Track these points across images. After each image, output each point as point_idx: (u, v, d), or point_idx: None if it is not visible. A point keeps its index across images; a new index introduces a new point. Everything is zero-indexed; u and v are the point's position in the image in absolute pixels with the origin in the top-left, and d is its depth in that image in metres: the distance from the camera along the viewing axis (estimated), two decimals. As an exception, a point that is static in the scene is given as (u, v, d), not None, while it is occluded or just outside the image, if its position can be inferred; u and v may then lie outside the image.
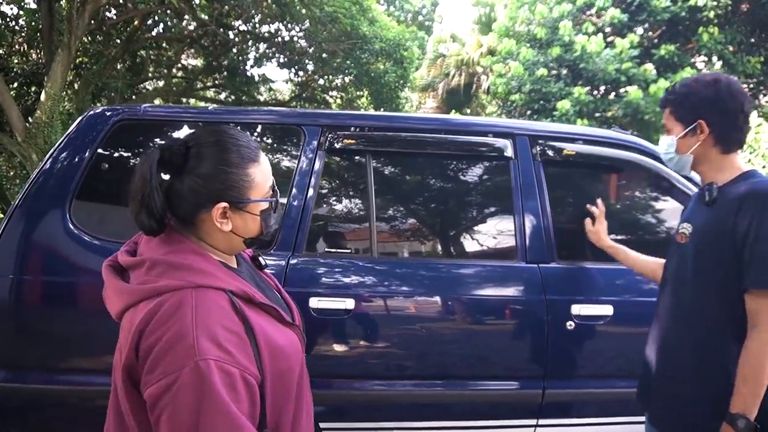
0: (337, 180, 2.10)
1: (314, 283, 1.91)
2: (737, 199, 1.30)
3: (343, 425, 1.96)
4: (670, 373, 1.44)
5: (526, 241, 2.02)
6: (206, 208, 0.94)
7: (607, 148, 2.12)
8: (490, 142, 2.08)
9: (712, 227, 1.34)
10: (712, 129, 1.37)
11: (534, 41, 10.03)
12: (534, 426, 2.02)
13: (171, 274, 0.90)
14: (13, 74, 11.79)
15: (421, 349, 1.97)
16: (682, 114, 1.41)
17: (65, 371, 1.86)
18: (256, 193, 0.98)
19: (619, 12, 8.78)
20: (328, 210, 2.05)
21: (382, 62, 12.67)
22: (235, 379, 0.84)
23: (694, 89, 1.39)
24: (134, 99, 13.28)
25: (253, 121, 2.11)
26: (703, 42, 8.33)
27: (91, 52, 12.44)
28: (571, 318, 1.96)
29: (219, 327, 0.86)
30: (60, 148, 1.98)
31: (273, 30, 12.30)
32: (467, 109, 15.47)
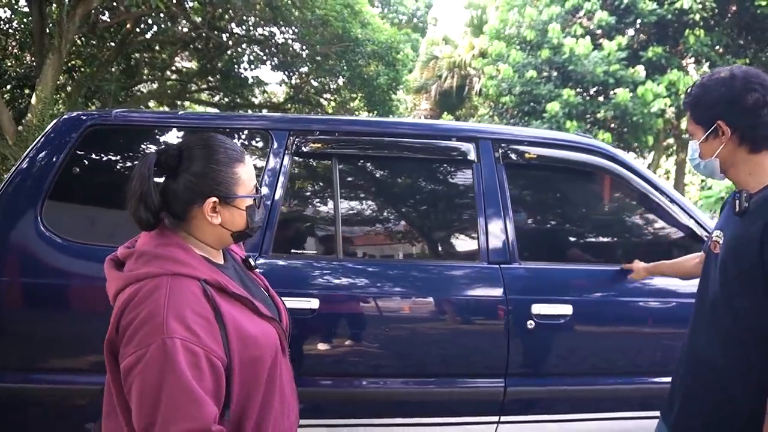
0: (304, 182, 2.15)
1: (280, 283, 1.96)
2: (766, 212, 1.20)
3: (312, 422, 2.01)
4: (696, 387, 1.36)
5: (488, 242, 2.07)
6: (198, 203, 1.06)
7: (568, 152, 2.17)
8: (454, 145, 2.13)
9: (739, 240, 1.25)
10: (734, 129, 1.25)
11: (524, 44, 10.12)
12: (496, 423, 2.07)
13: (153, 263, 1.01)
14: (6, 77, 11.82)
15: (385, 348, 2.02)
16: (700, 116, 1.30)
17: (39, 371, 1.91)
18: (242, 189, 1.10)
19: (607, 15, 8.87)
20: (295, 212, 2.10)
21: (374, 65, 12.73)
22: (199, 359, 0.93)
23: (708, 88, 1.29)
24: (128, 101, 13.32)
25: (223, 126, 2.16)
26: (689, 44, 8.41)
27: (85, 55, 12.48)
28: (532, 317, 2.01)
29: (188, 310, 0.96)
30: (36, 149, 2.03)
31: (267, 33, 12.35)
32: (460, 111, 15.54)
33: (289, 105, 15.14)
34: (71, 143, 2.02)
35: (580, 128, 9.21)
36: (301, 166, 2.12)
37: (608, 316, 2.08)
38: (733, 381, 1.26)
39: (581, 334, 2.08)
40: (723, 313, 1.30)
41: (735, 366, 1.26)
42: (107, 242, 1.95)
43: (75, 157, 2.03)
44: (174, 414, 0.90)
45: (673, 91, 8.55)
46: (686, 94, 1.37)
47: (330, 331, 1.99)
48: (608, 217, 2.37)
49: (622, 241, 2.33)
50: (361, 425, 2.03)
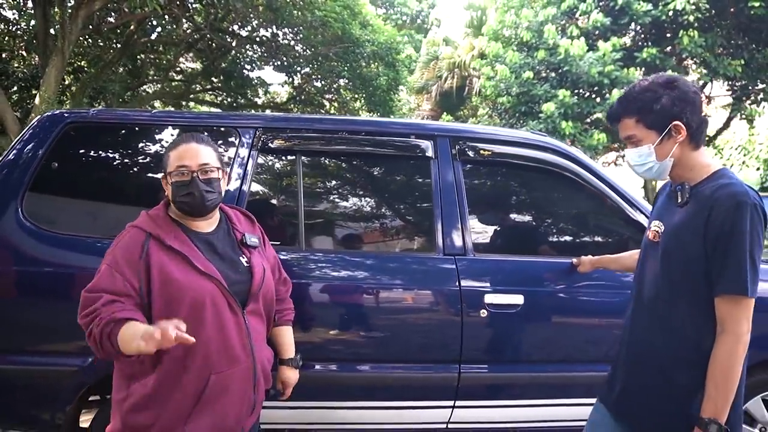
0: (269, 177, 2.26)
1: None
2: (709, 201, 1.28)
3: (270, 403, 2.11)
4: (639, 371, 1.43)
5: (443, 235, 2.17)
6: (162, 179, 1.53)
7: (523, 149, 2.27)
8: (413, 142, 2.23)
9: (683, 229, 1.33)
10: (688, 128, 1.32)
11: (520, 45, 10.17)
12: (451, 407, 2.17)
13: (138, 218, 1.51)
14: (13, 78, 12.03)
15: (346, 335, 2.13)
16: (654, 120, 1.33)
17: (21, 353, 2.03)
18: (170, 168, 1.49)
19: (602, 16, 8.91)
20: (260, 204, 2.21)
21: (374, 65, 12.84)
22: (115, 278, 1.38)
23: (658, 93, 1.32)
24: (133, 101, 13.52)
25: (194, 123, 2.28)
26: (683, 45, 8.44)
27: (90, 56, 12.69)
28: (485, 306, 2.11)
29: (123, 250, 1.42)
30: (19, 144, 2.16)
31: (269, 34, 12.49)
32: (461, 112, 15.60)
33: (292, 105, 15.29)
34: (51, 139, 2.14)
35: (575, 129, 9.27)
36: (267, 161, 2.23)
37: (558, 307, 2.18)
38: (671, 361, 1.35)
39: (532, 323, 2.17)
40: (663, 299, 1.38)
41: (673, 348, 1.35)
42: (83, 232, 2.08)
43: (54, 153, 2.15)
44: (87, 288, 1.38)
45: (667, 92, 8.57)
46: (627, 101, 1.37)
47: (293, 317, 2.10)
48: (561, 212, 2.46)
49: (573, 235, 2.42)
50: (320, 408, 2.14)
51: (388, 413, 2.18)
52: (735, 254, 1.24)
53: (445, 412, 2.18)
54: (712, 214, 1.27)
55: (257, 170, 2.19)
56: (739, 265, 1.24)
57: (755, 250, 1.27)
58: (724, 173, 1.36)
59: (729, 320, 1.26)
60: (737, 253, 1.24)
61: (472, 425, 2.23)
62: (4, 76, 11.60)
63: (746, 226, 1.24)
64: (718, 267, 1.26)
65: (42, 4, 8.60)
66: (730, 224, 1.24)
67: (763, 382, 2.28)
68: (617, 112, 1.40)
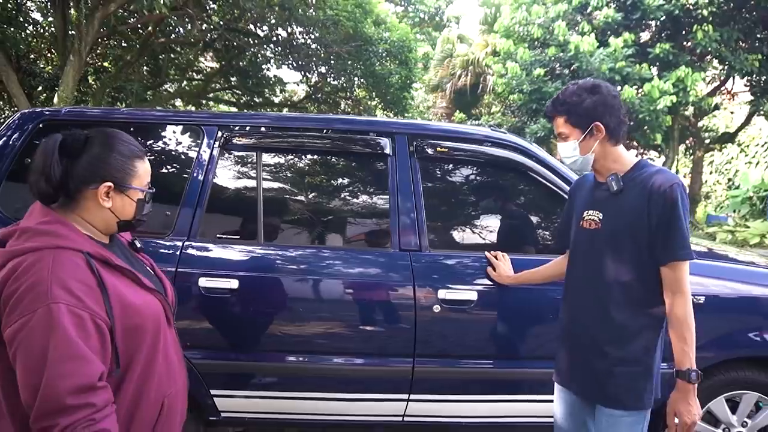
0: (230, 173, 2.32)
1: (204, 264, 2.14)
2: (646, 188, 1.49)
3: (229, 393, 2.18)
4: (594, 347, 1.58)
5: (399, 230, 2.20)
6: (93, 186, 1.15)
7: (480, 146, 2.28)
8: (371, 140, 2.27)
9: (627, 213, 1.52)
10: (606, 128, 1.53)
11: (532, 41, 10.08)
12: (406, 400, 2.20)
13: (35, 238, 1.08)
14: (39, 78, 12.47)
15: (302, 327, 2.18)
16: (578, 120, 1.55)
17: None
18: (137, 182, 1.22)
19: (613, 11, 8.76)
20: (221, 200, 2.27)
21: (388, 64, 12.87)
22: (85, 321, 1.03)
23: (582, 97, 1.54)
24: (153, 100, 13.86)
25: (162, 120, 2.36)
26: (697, 40, 8.24)
27: (111, 57, 13.06)
28: (438, 302, 2.13)
29: (72, 279, 1.05)
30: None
31: (285, 34, 12.63)
32: (476, 110, 15.50)
33: (309, 104, 15.44)
34: (25, 135, 2.25)
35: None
36: (228, 158, 2.29)
37: (511, 303, 2.18)
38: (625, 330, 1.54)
39: (485, 318, 2.18)
40: (610, 276, 1.55)
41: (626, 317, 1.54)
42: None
43: (29, 148, 2.26)
44: (61, 371, 0.98)
45: (680, 88, 8.39)
46: (557, 103, 1.60)
47: (251, 310, 2.16)
48: (517, 208, 2.46)
49: (529, 231, 2.42)
50: (277, 398, 2.19)
51: (344, 405, 2.21)
52: (677, 227, 1.46)
53: (400, 405, 2.21)
54: (652, 196, 1.47)
55: (219, 166, 2.26)
56: (683, 236, 1.46)
57: (686, 223, 1.49)
58: (646, 163, 1.59)
59: (679, 283, 1.47)
60: (678, 225, 1.46)
61: (427, 419, 2.25)
62: (31, 76, 12.05)
63: (680, 202, 1.46)
64: (662, 239, 1.47)
65: (61, 7, 8.90)
66: (671, 203, 1.45)
67: (725, 382, 2.25)
68: (551, 111, 1.64)
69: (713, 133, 12.02)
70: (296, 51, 12.35)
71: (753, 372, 2.26)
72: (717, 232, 9.73)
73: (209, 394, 2.17)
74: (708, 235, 9.80)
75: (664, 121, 8.76)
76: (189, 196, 2.21)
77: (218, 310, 2.13)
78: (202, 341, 2.15)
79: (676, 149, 10.82)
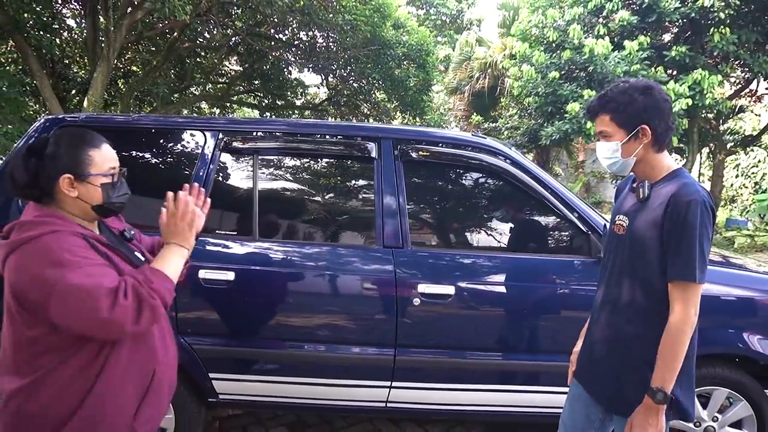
0: (230, 173, 2.51)
1: (203, 257, 2.34)
2: (667, 197, 1.44)
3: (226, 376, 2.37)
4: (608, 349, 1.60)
5: (383, 229, 2.36)
6: (57, 180, 1.29)
7: (461, 150, 2.43)
8: (359, 144, 2.44)
9: (645, 221, 1.48)
10: (653, 132, 1.47)
11: (548, 45, 10.09)
12: (388, 387, 2.36)
13: (33, 228, 1.24)
14: (72, 82, 13.01)
15: (292, 317, 2.36)
16: (624, 120, 1.48)
17: None
18: (96, 169, 1.33)
19: (628, 14, 8.73)
20: (221, 198, 2.46)
21: (406, 67, 13.01)
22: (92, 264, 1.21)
23: (633, 97, 1.47)
24: (178, 103, 14.30)
25: (168, 126, 2.57)
26: (714, 43, 8.15)
27: (140, 61, 13.55)
28: (418, 295, 2.29)
29: (76, 248, 1.22)
30: (25, 139, 2.51)
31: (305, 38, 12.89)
32: (494, 113, 15.52)
33: (329, 107, 15.68)
34: (47, 140, 2.49)
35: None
36: (227, 159, 2.49)
37: (486, 298, 2.32)
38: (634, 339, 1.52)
39: (462, 312, 2.33)
40: (628, 283, 1.54)
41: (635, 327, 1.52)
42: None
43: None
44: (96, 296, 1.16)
45: (697, 91, 8.30)
46: (605, 100, 1.52)
47: (246, 300, 2.35)
48: (494, 209, 2.59)
49: (505, 231, 2.55)
50: (270, 382, 2.37)
51: (332, 390, 2.39)
52: (686, 244, 1.40)
53: (383, 392, 2.37)
54: (669, 208, 1.43)
55: (219, 167, 2.46)
56: (690, 255, 1.40)
57: (704, 243, 1.41)
58: (681, 173, 1.52)
59: (679, 303, 1.42)
60: (688, 243, 1.39)
61: (408, 405, 2.41)
62: (65, 80, 12.59)
63: (696, 220, 1.39)
64: (672, 255, 1.42)
65: (92, 14, 9.33)
66: (683, 217, 1.40)
67: (697, 377, 2.33)
68: (596, 108, 1.55)
69: (737, 135, 11.78)
70: (316, 55, 12.60)
71: (724, 369, 2.34)
72: (736, 237, 9.58)
73: (208, 377, 2.37)
74: (726, 239, 9.66)
75: (681, 124, 8.68)
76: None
77: (216, 300, 2.33)
78: (201, 328, 2.35)
79: (695, 152, 10.67)
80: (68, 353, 1.25)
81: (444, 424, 3.01)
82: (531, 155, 15.19)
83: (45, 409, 1.25)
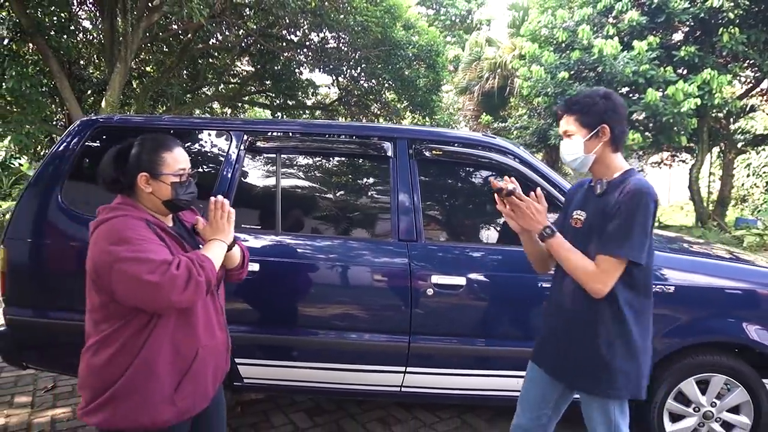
0: (255, 171, 2.67)
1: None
2: (620, 191, 1.62)
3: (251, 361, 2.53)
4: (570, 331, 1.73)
5: (399, 223, 2.51)
6: (136, 177, 1.52)
7: (470, 149, 2.57)
8: (375, 143, 2.59)
9: (601, 214, 1.65)
10: (611, 132, 1.66)
11: (557, 45, 10.18)
12: (403, 372, 2.51)
13: (111, 212, 1.49)
14: (88, 83, 13.29)
15: (313, 306, 2.51)
16: (587, 120, 1.66)
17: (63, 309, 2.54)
18: (167, 169, 1.54)
19: (637, 15, 8.80)
20: (245, 194, 2.63)
21: (416, 67, 13.14)
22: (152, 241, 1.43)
23: (595, 100, 1.66)
24: (191, 103, 14.55)
25: (196, 127, 2.74)
26: (723, 43, 8.21)
27: (154, 62, 13.81)
28: (431, 285, 2.43)
29: (138, 229, 1.43)
30: (61, 143, 2.69)
31: (317, 38, 13.07)
32: (503, 112, 15.60)
33: (340, 107, 15.86)
34: (83, 140, 2.66)
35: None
36: (252, 158, 2.65)
37: (495, 288, 2.46)
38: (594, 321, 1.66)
39: (472, 301, 2.47)
40: None
41: (594, 310, 1.65)
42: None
43: (87, 149, 2.67)
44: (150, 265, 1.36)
45: (706, 90, 8.37)
46: (571, 103, 1.72)
47: (268, 291, 2.51)
48: None
49: None
50: (292, 367, 2.53)
51: (350, 375, 2.54)
52: (627, 225, 1.56)
53: (398, 377, 2.52)
54: (620, 197, 1.60)
55: (244, 165, 2.62)
56: (626, 235, 1.56)
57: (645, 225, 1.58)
58: (633, 172, 1.70)
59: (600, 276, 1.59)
60: (629, 225, 1.56)
61: (422, 389, 2.55)
62: (80, 81, 12.87)
63: (637, 206, 1.56)
64: (610, 231, 1.59)
65: (110, 17, 9.56)
66: (629, 204, 1.57)
67: (694, 365, 2.46)
68: (563, 110, 1.75)
69: (747, 135, 11.78)
70: (327, 55, 12.77)
71: (721, 356, 2.46)
72: (745, 236, 9.61)
73: (234, 362, 2.53)
74: (735, 238, 9.68)
75: (690, 124, 8.75)
76: (219, 189, 2.58)
77: (242, 290, 2.49)
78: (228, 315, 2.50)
79: (705, 151, 10.70)
80: (122, 322, 1.45)
81: (455, 409, 3.15)
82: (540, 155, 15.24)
83: (104, 366, 1.46)
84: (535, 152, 14.04)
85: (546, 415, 1.87)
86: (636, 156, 12.39)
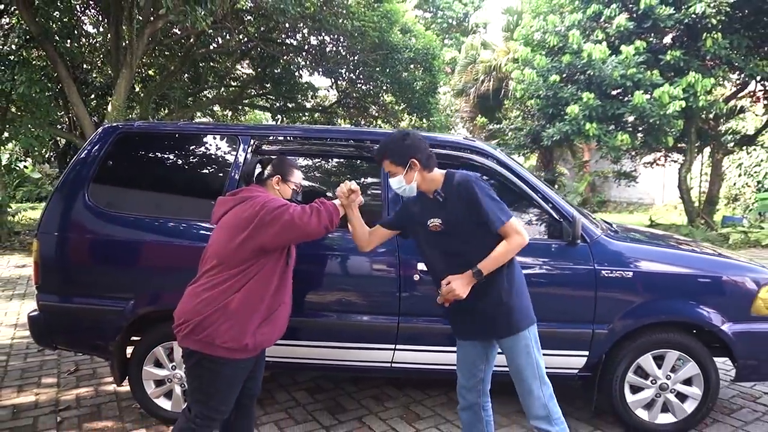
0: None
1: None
2: (455, 191, 2.07)
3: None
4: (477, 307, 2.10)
5: (389, 216, 2.81)
6: (272, 178, 2.23)
7: (453, 151, 2.88)
8: (369, 147, 2.90)
9: (455, 211, 2.06)
10: (419, 161, 2.08)
11: (549, 49, 10.50)
12: (393, 349, 2.82)
13: (254, 192, 2.13)
14: (92, 87, 13.62)
15: (311, 290, 2.82)
16: (399, 160, 2.09)
17: (87, 295, 2.87)
18: (293, 179, 2.28)
19: (625, 20, 9.13)
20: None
21: (413, 70, 13.46)
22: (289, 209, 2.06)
23: (399, 143, 2.09)
24: (193, 106, 14.88)
25: (208, 132, 3.06)
26: (707, 48, 8.54)
27: (156, 66, 14.13)
28: (418, 272, 2.74)
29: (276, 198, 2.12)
30: (86, 147, 3.00)
31: (316, 42, 13.39)
32: (499, 114, 15.91)
33: (339, 109, 16.18)
34: (107, 145, 2.98)
35: (600, 130, 9.52)
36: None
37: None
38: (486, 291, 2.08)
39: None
40: (464, 257, 2.06)
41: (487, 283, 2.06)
42: (129, 211, 2.89)
43: (110, 154, 2.98)
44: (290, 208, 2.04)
45: (691, 93, 8.70)
46: (381, 150, 2.13)
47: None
48: None
49: None
50: (296, 345, 2.84)
51: (344, 352, 2.85)
52: (483, 203, 1.99)
53: (389, 353, 2.83)
54: (459, 192, 2.05)
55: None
56: (490, 208, 2.00)
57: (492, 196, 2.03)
58: (451, 172, 2.14)
59: (512, 235, 2.02)
60: (484, 202, 1.99)
61: (410, 365, 2.86)
62: (84, 85, 13.20)
63: (476, 189, 2.01)
64: (484, 218, 2.00)
65: (115, 24, 9.88)
66: (467, 189, 2.03)
67: (651, 342, 2.77)
68: (379, 157, 2.17)
69: (736, 135, 12.11)
70: (326, 59, 13.09)
71: (675, 334, 2.78)
72: (731, 233, 9.93)
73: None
74: (721, 235, 10.01)
75: (676, 125, 9.07)
76: (229, 189, 2.89)
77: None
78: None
79: (693, 152, 11.02)
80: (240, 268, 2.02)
81: (443, 386, 3.47)
82: (535, 155, 15.54)
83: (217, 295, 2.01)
84: (530, 153, 14.36)
85: (481, 370, 2.26)
86: (628, 156, 12.69)
